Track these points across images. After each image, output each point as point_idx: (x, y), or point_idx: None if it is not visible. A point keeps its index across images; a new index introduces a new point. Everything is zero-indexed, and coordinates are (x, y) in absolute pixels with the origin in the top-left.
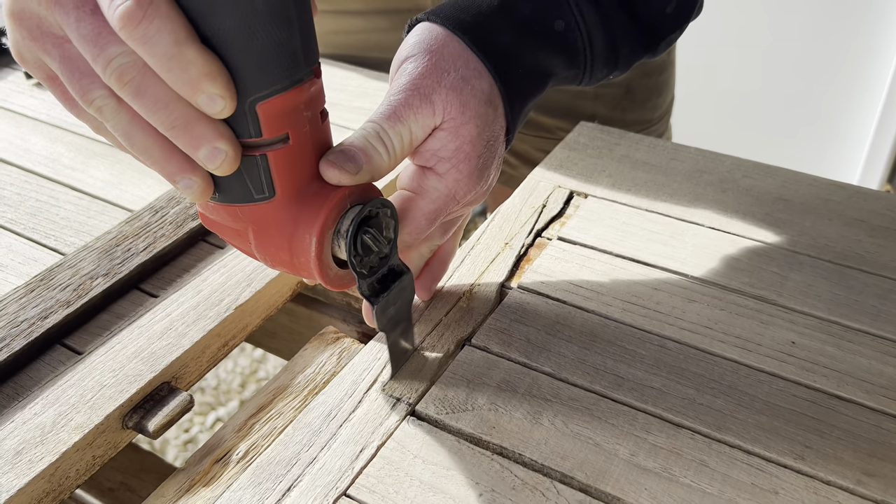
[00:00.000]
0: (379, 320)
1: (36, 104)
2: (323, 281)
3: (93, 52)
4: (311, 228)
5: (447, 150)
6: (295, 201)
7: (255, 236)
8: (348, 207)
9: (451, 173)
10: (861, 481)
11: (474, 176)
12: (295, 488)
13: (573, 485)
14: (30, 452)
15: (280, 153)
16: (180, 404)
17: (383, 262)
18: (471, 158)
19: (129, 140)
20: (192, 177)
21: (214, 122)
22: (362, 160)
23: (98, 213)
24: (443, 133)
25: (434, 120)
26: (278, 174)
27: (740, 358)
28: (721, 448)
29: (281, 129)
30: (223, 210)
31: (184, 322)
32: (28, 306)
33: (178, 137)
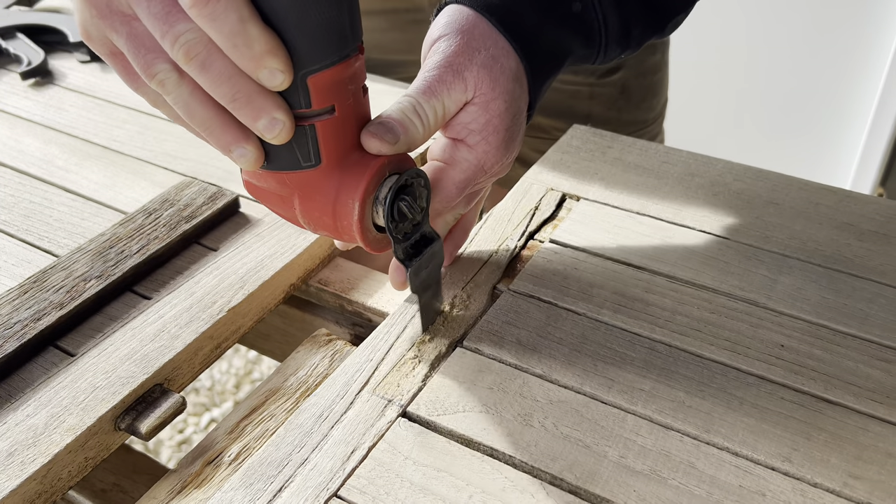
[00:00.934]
0: (412, 282)
1: (30, 105)
2: (363, 243)
3: (162, 28)
4: (354, 194)
5: (477, 123)
6: (338, 169)
7: (300, 202)
8: (386, 176)
9: (480, 145)
10: (847, 483)
11: (502, 148)
12: (286, 489)
13: (563, 486)
14: (22, 454)
15: (327, 123)
16: (172, 406)
17: (416, 228)
18: (499, 131)
19: (189, 112)
20: (247, 146)
21: (272, 94)
22: (400, 132)
23: (92, 215)
24: (473, 107)
25: (466, 95)
26: (324, 143)
27: (729, 361)
28: (709, 450)
29: (328, 101)
30: (271, 178)
31: (176, 324)
32: (21, 308)
33: (238, 109)
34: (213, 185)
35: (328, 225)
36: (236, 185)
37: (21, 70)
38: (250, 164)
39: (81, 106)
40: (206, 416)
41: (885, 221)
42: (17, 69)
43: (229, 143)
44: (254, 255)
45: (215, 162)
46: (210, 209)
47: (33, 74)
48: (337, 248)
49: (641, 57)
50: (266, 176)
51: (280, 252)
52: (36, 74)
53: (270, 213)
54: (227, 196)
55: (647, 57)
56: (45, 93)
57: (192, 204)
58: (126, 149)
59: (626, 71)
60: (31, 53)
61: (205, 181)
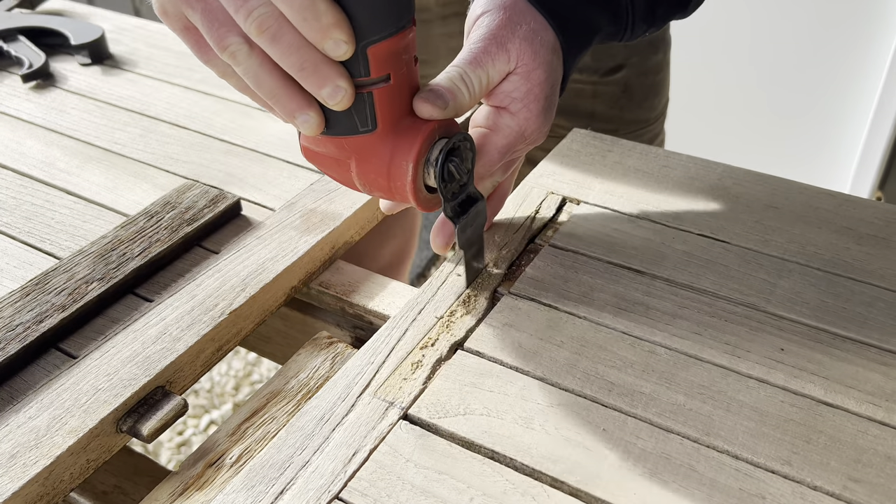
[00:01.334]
0: (459, 238)
1: (31, 108)
2: (415, 201)
3: (235, 4)
4: (408, 156)
5: (519, 91)
6: (392, 133)
7: (356, 165)
8: (436, 139)
9: (522, 112)
10: (847, 487)
11: (542, 115)
12: (287, 491)
13: (563, 489)
14: (24, 456)
15: (383, 91)
16: (174, 408)
17: (462, 189)
18: (539, 99)
19: (258, 82)
20: (310, 113)
21: (336, 63)
22: (449, 98)
23: (93, 218)
24: (516, 77)
25: (509, 66)
26: (380, 109)
27: (729, 364)
28: (709, 453)
29: (385, 70)
30: (330, 143)
31: (178, 327)
32: (23, 310)
33: (305, 78)
34: (215, 187)
35: (383, 186)
36: (238, 188)
37: (22, 72)
38: (312, 129)
39: (83, 108)
40: (206, 419)
41: (884, 225)
42: (19, 72)
43: (294, 110)
44: (255, 257)
45: (217, 165)
46: (212, 212)
47: (34, 77)
48: (338, 251)
49: (644, 56)
50: (325, 141)
51: (281, 255)
52: (37, 77)
53: (272, 216)
54: (228, 199)
55: (649, 56)
56: (47, 95)
57: (193, 206)
58: (127, 151)
59: (629, 70)
60: (33, 56)
61: (206, 184)
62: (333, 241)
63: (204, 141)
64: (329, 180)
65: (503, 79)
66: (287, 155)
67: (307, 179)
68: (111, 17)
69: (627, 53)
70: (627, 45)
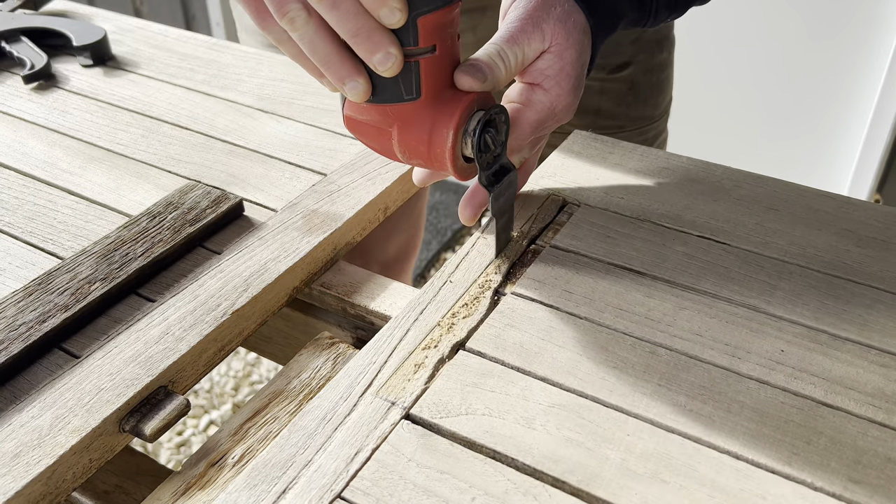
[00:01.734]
0: (493, 206)
1: (34, 108)
2: (452, 169)
3: None
4: (448, 124)
5: (553, 69)
6: (434, 103)
7: (398, 132)
8: (475, 111)
9: (554, 89)
10: (847, 488)
11: (572, 92)
12: (290, 491)
13: (565, 489)
14: (27, 455)
15: (428, 61)
16: (177, 408)
17: (496, 160)
18: (570, 77)
19: (312, 47)
20: (359, 79)
21: (388, 31)
22: (487, 72)
23: (96, 218)
24: (549, 55)
25: (543, 44)
26: (425, 78)
27: (730, 365)
28: (710, 453)
29: (432, 41)
30: (374, 110)
31: (181, 327)
32: (26, 310)
33: (359, 44)
34: (217, 188)
35: (422, 153)
36: (240, 189)
37: (24, 73)
38: (360, 96)
39: (85, 109)
40: (205, 419)
41: (883, 228)
42: (21, 72)
43: (344, 76)
44: (257, 258)
45: (219, 165)
46: (214, 212)
47: (36, 78)
48: (340, 252)
49: (650, 54)
50: (370, 109)
51: (283, 255)
52: (38, 78)
53: (274, 217)
54: (230, 199)
55: (655, 54)
56: (49, 96)
57: (196, 207)
58: (130, 152)
59: (636, 67)
60: (35, 57)
61: (209, 184)
62: (335, 241)
63: (206, 142)
64: (330, 181)
65: (537, 57)
66: (289, 156)
67: (309, 180)
68: (113, 18)
69: (634, 51)
70: (634, 44)
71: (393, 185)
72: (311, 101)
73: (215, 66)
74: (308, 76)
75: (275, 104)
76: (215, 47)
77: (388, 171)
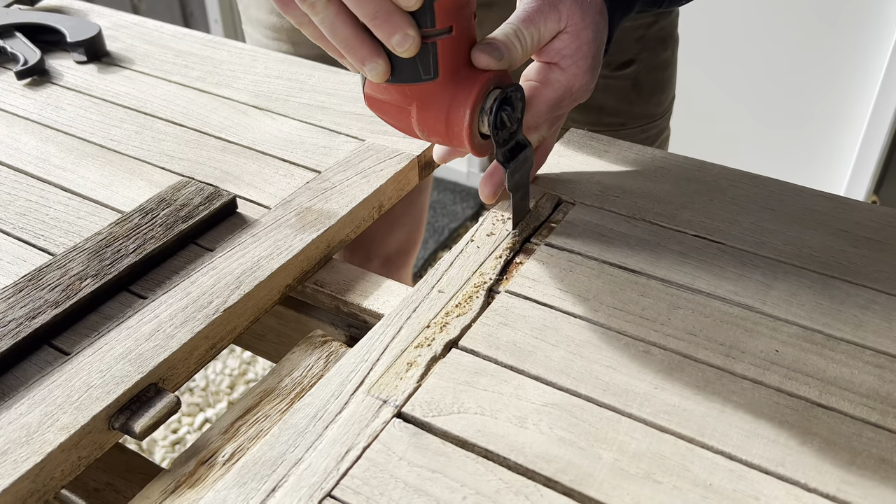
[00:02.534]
0: (509, 182)
1: (27, 103)
2: (470, 146)
3: None
4: (465, 102)
5: (569, 49)
6: (452, 82)
7: (417, 111)
8: (491, 89)
9: (571, 68)
10: (841, 489)
11: (589, 72)
12: (280, 489)
13: (557, 488)
14: (15, 453)
15: (446, 41)
16: (167, 406)
17: (512, 136)
18: (587, 57)
19: (333, 30)
20: (378, 60)
21: (406, 14)
22: (504, 51)
23: (88, 214)
24: (566, 35)
25: (559, 25)
26: (442, 58)
27: (724, 365)
28: (704, 454)
29: (448, 22)
30: (394, 90)
31: (172, 324)
32: (16, 306)
33: (378, 26)
34: (210, 185)
35: (440, 131)
36: (233, 186)
37: (16, 69)
38: (379, 76)
39: (79, 105)
40: (200, 416)
41: (879, 228)
42: (15, 68)
43: (364, 57)
44: (250, 255)
45: (213, 162)
46: (207, 209)
47: (29, 74)
48: (333, 250)
49: (654, 52)
50: (389, 88)
51: (276, 252)
52: (31, 74)
53: (267, 214)
54: (223, 196)
55: (659, 52)
56: (43, 91)
57: (188, 204)
58: (123, 148)
59: (640, 65)
60: (28, 53)
61: (202, 181)
62: (329, 239)
63: (200, 138)
64: (324, 179)
65: (554, 37)
66: (283, 153)
67: (303, 178)
68: (109, 14)
69: (638, 49)
70: (639, 41)
71: (387, 183)
72: (306, 98)
73: (210, 62)
74: (302, 74)
75: (270, 101)
76: (210, 44)
77: (382, 169)
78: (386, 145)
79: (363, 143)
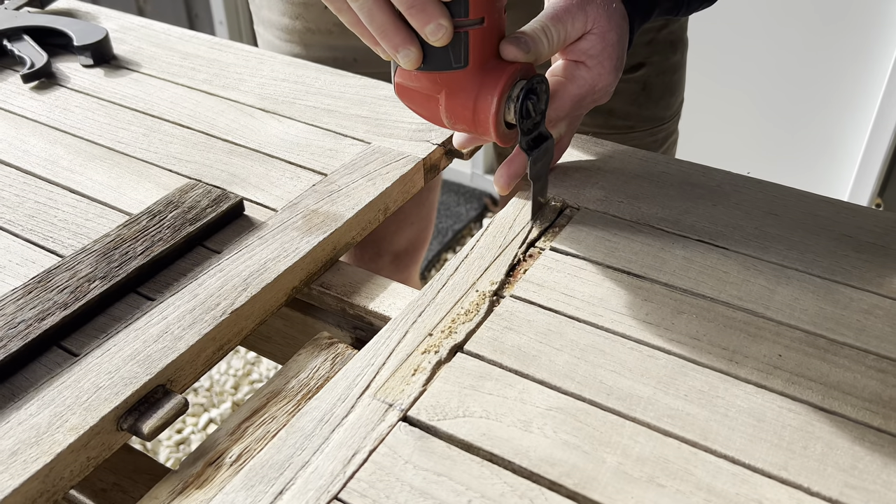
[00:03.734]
0: (531, 170)
1: (35, 105)
2: (495, 133)
3: None
4: (493, 91)
5: (595, 49)
6: (480, 71)
7: (445, 98)
8: (518, 80)
9: (596, 68)
10: (844, 493)
11: (613, 72)
12: (287, 491)
13: (561, 492)
14: (25, 453)
15: (477, 32)
16: (175, 407)
17: (535, 127)
18: (612, 58)
19: (370, 17)
20: (411, 48)
21: (440, 4)
22: (531, 45)
23: (96, 216)
24: (593, 36)
25: (586, 26)
26: (473, 48)
27: (727, 369)
28: (707, 457)
29: (480, 13)
30: (424, 77)
31: (180, 325)
32: (25, 308)
33: (413, 15)
34: (218, 187)
35: (467, 119)
36: (240, 188)
37: (23, 72)
38: (411, 63)
39: (86, 107)
40: (205, 417)
41: (882, 233)
42: (22, 71)
43: (398, 44)
44: (257, 257)
45: (220, 165)
46: (214, 211)
47: (35, 77)
48: (339, 252)
49: (664, 56)
50: (420, 76)
51: (283, 255)
52: (38, 77)
53: (274, 216)
54: (231, 199)
55: (668, 56)
56: (51, 94)
57: (196, 206)
58: (131, 150)
59: (649, 68)
60: (35, 55)
61: (209, 184)
62: (335, 241)
63: (207, 141)
64: (330, 182)
65: (580, 38)
66: (289, 156)
67: (309, 180)
68: (116, 17)
69: (648, 52)
70: (648, 45)
71: (393, 186)
72: (312, 100)
73: (217, 65)
74: (308, 77)
75: (276, 104)
76: (217, 46)
77: (388, 172)
78: (391, 148)
79: (369, 146)
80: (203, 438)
